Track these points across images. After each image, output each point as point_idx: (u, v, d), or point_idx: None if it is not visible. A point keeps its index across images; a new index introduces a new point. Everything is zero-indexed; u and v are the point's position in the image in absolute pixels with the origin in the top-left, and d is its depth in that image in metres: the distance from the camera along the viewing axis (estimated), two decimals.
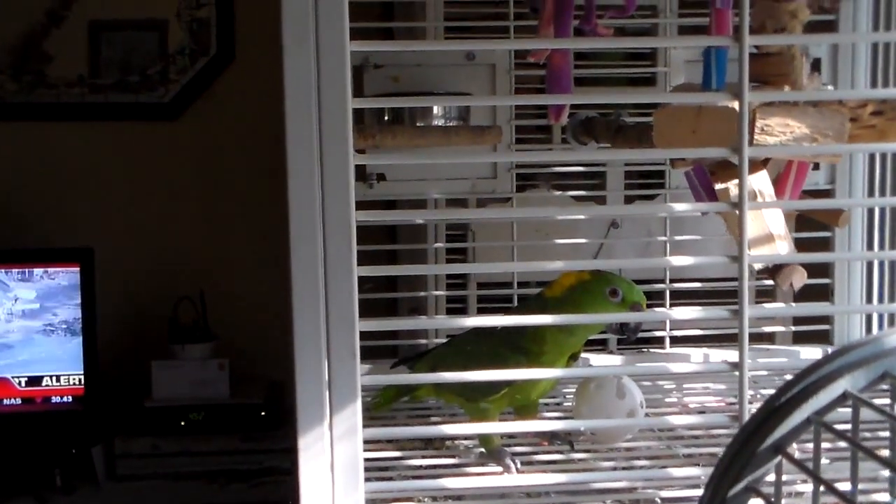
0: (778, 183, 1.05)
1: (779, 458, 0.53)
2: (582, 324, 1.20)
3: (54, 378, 2.48)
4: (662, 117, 1.00)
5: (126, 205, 2.79)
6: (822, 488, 0.54)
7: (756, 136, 0.92)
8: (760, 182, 0.99)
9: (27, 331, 2.49)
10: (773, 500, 0.53)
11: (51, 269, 2.48)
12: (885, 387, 0.55)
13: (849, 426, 0.57)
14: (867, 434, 1.27)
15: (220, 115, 2.78)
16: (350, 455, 0.86)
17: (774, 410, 0.52)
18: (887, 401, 0.61)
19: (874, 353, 0.52)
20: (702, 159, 1.02)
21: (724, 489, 0.52)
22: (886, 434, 0.65)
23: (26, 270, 2.49)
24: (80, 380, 2.48)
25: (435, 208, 1.68)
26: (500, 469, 1.19)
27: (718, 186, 1.01)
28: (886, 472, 0.61)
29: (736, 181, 0.95)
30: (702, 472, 1.00)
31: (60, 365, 2.48)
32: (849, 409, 0.56)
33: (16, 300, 2.49)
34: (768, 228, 0.98)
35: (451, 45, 1.55)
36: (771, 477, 0.56)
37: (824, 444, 1.19)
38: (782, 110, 0.94)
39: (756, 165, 1.00)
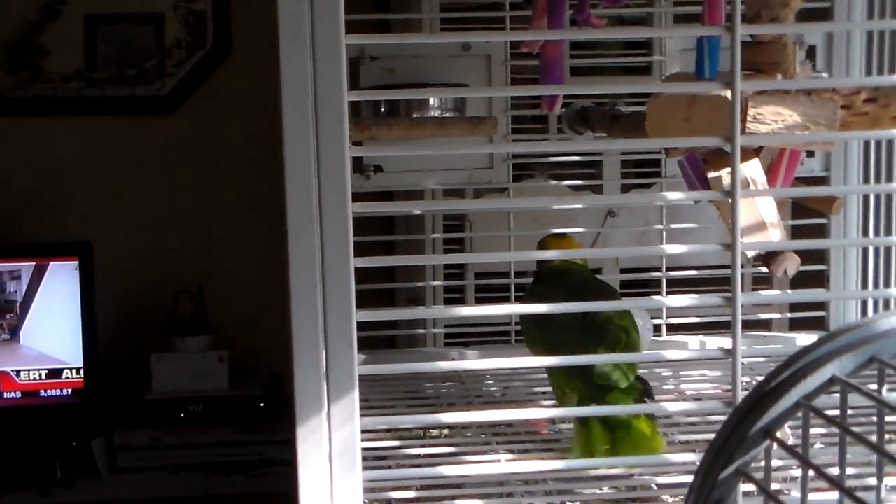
0: (770, 171, 1.06)
1: (768, 441, 0.53)
2: None
3: (53, 371, 2.49)
4: (655, 106, 1.01)
5: (124, 198, 2.79)
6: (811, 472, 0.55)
7: (748, 125, 0.93)
8: (753, 170, 1.00)
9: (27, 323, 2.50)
10: (762, 482, 0.54)
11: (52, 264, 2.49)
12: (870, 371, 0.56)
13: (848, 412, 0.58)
14: (862, 419, 1.29)
15: (217, 108, 2.78)
16: (348, 443, 0.87)
17: (764, 395, 0.52)
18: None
19: (862, 337, 0.53)
20: (694, 148, 1.02)
21: (716, 472, 0.53)
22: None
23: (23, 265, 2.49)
24: (79, 373, 2.49)
25: (432, 199, 1.68)
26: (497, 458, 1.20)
27: (711, 175, 1.01)
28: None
29: (728, 169, 0.96)
30: (697, 458, 1.00)
31: (60, 358, 2.50)
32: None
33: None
34: (761, 216, 0.99)
35: (447, 37, 1.55)
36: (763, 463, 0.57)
37: (819, 431, 1.21)
38: (774, 99, 0.95)
39: (748, 154, 1.01)
